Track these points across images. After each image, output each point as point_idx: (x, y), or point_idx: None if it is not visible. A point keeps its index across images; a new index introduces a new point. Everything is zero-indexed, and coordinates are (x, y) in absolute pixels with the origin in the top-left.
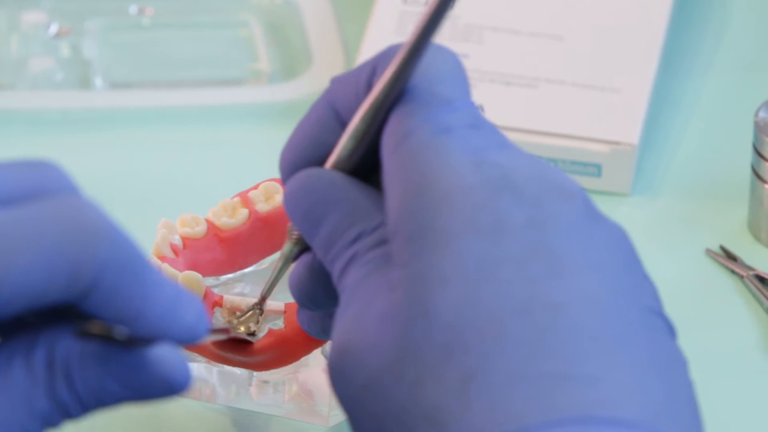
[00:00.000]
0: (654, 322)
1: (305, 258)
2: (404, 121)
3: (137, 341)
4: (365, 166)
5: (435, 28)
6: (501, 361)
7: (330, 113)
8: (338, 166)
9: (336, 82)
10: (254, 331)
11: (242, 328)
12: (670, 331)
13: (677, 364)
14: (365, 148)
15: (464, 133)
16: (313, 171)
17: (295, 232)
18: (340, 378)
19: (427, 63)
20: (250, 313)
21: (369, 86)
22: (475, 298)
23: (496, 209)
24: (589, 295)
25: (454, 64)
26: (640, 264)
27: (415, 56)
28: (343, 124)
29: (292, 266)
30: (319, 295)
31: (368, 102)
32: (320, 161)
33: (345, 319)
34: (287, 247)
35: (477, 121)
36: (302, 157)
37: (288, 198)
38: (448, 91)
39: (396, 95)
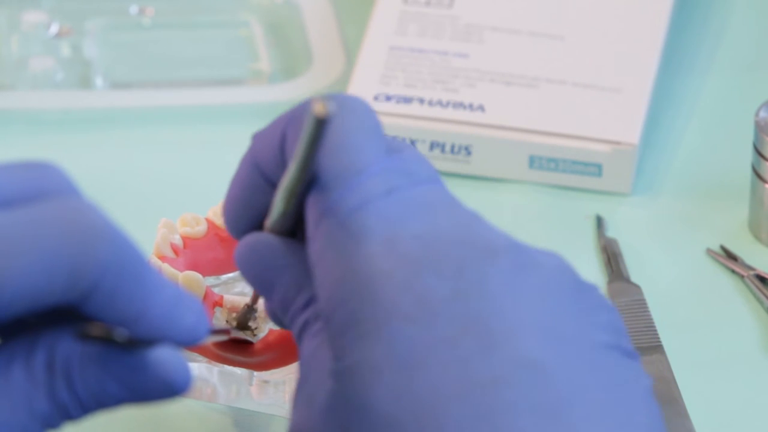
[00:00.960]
0: (605, 360)
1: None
2: (320, 200)
3: (137, 343)
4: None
5: (315, 147)
6: None
7: (256, 173)
8: (275, 228)
9: (257, 138)
10: (254, 330)
11: (252, 324)
12: (629, 356)
13: (635, 400)
14: (297, 209)
15: (379, 205)
16: (255, 237)
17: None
18: None
19: (335, 129)
20: (246, 314)
21: (282, 149)
22: (410, 386)
23: (418, 289)
24: (526, 362)
25: (363, 121)
26: (587, 292)
27: (314, 144)
28: (271, 182)
29: None
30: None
31: (287, 176)
32: (258, 219)
33: (298, 406)
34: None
35: (393, 183)
36: (240, 217)
37: (238, 262)
38: (360, 157)
39: (311, 164)
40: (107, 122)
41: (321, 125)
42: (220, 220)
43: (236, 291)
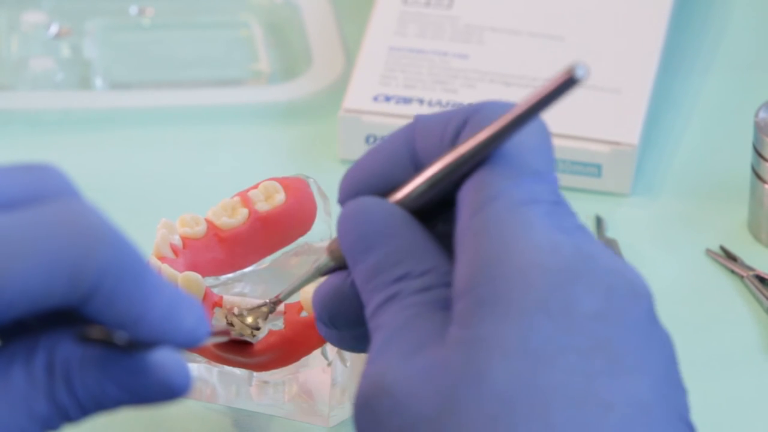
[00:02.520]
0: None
1: (335, 279)
2: (491, 183)
3: (137, 345)
4: (426, 213)
5: (551, 103)
6: None
7: (406, 151)
8: (402, 204)
9: (421, 122)
10: (258, 328)
11: (250, 319)
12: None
13: None
14: (434, 195)
15: (549, 208)
16: (376, 200)
17: (338, 250)
18: (369, 414)
19: (525, 131)
20: (260, 308)
21: (456, 134)
22: (533, 378)
23: (569, 295)
24: (638, 400)
25: (543, 135)
26: (679, 371)
27: (520, 123)
28: (417, 165)
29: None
30: (341, 318)
31: (455, 154)
32: (382, 193)
33: (385, 357)
34: (324, 260)
35: (559, 198)
36: (365, 185)
37: (343, 219)
38: (537, 162)
39: (482, 156)
40: (107, 122)
41: (568, 85)
42: (219, 221)
43: (236, 291)
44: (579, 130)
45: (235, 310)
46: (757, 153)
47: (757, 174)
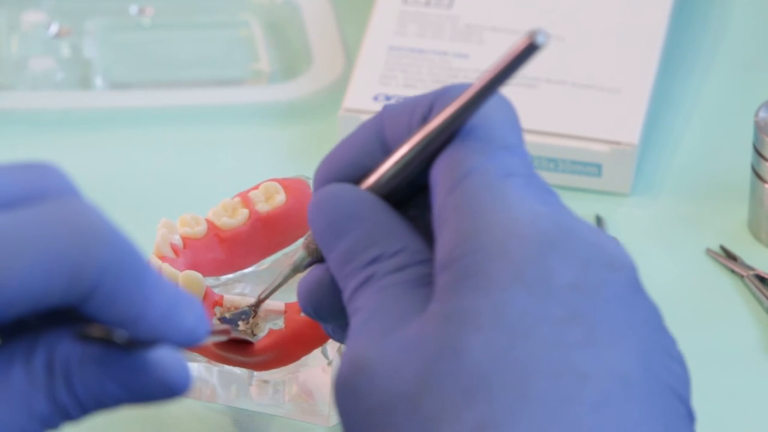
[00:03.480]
0: (675, 407)
1: (316, 271)
2: (465, 159)
3: (137, 344)
4: (397, 198)
5: (510, 75)
6: (520, 419)
7: (376, 140)
8: (373, 189)
9: (388, 110)
10: (253, 331)
11: (241, 326)
12: (690, 418)
13: None
14: (405, 178)
15: (524, 181)
16: (344, 185)
17: (312, 243)
18: (349, 394)
19: (485, 107)
20: (241, 310)
21: (423, 119)
22: (508, 350)
23: (545, 266)
24: (617, 372)
25: (509, 110)
26: (675, 345)
27: (483, 97)
28: (387, 153)
29: (299, 276)
30: (325, 309)
31: (423, 132)
32: (355, 182)
33: (363, 336)
34: (300, 256)
35: (533, 172)
36: (338, 175)
37: (313, 206)
38: (507, 136)
39: (450, 133)
40: (107, 122)
41: (529, 52)
42: (219, 221)
43: (236, 291)
44: (579, 129)
45: (217, 312)
46: (757, 153)
47: (757, 174)
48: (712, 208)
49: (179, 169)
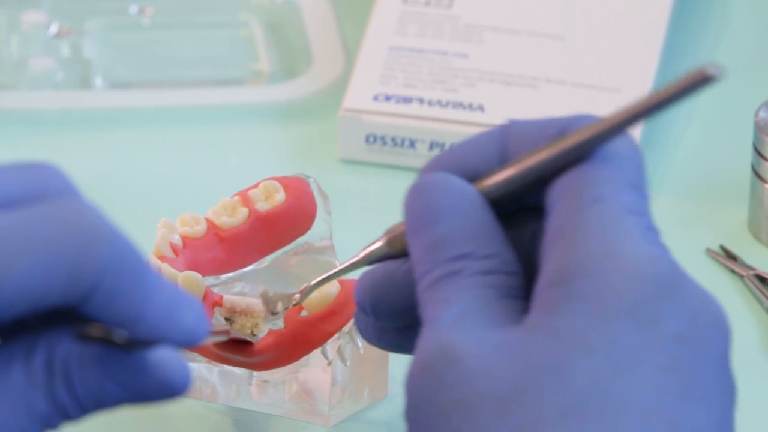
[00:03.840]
0: None
1: (387, 266)
2: (597, 185)
3: (137, 344)
4: (501, 207)
5: (671, 104)
6: None
7: (497, 150)
8: (482, 191)
9: (516, 123)
10: (252, 331)
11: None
12: None
13: None
14: (518, 188)
15: (647, 223)
16: (453, 176)
17: (396, 238)
18: (432, 381)
19: (617, 142)
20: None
21: (552, 140)
22: (612, 380)
23: (659, 309)
24: (701, 429)
25: (639, 154)
26: (734, 421)
27: (630, 123)
28: (503, 163)
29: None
30: (384, 306)
31: (556, 148)
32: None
33: (457, 328)
34: (378, 248)
35: (652, 219)
36: (448, 170)
37: (415, 188)
38: (638, 177)
39: (581, 155)
40: (107, 122)
41: (702, 83)
42: (219, 220)
43: (236, 290)
44: None
45: (216, 312)
46: (757, 152)
47: (757, 173)
48: (712, 208)
49: (179, 169)
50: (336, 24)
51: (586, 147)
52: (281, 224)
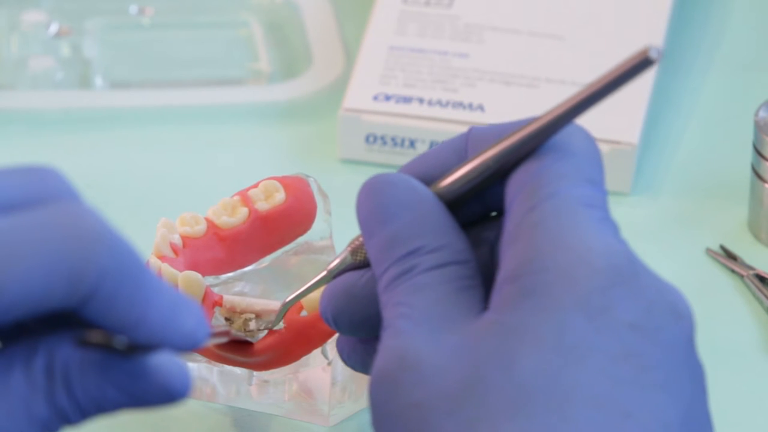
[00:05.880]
0: None
1: (348, 278)
2: (552, 181)
3: (137, 349)
4: (458, 206)
5: (615, 89)
6: None
7: (455, 157)
8: (441, 188)
9: (475, 130)
10: (254, 330)
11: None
12: None
13: None
14: (472, 187)
15: (602, 216)
16: (401, 174)
17: (360, 249)
18: (390, 386)
19: (572, 137)
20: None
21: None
22: (559, 372)
23: (611, 299)
24: (658, 417)
25: (597, 149)
26: (708, 406)
27: (580, 109)
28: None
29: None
30: (345, 317)
31: (507, 142)
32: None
33: (410, 332)
34: (342, 259)
35: (609, 212)
36: (413, 174)
37: (364, 189)
38: (594, 172)
39: (531, 148)
40: (107, 122)
41: (643, 66)
42: (219, 220)
43: (236, 290)
44: None
45: (244, 316)
46: (757, 152)
47: (757, 173)
48: (712, 208)
49: (179, 169)
50: (336, 24)
51: (534, 139)
52: (281, 224)
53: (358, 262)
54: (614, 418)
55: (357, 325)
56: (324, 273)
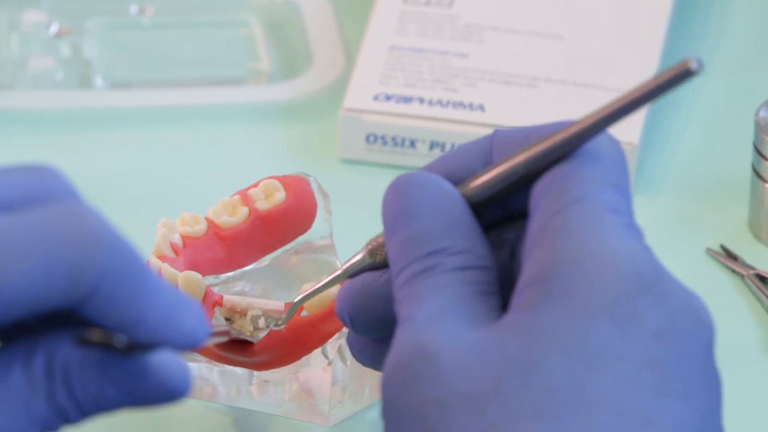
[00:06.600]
0: None
1: (366, 278)
2: (579, 185)
3: (137, 348)
4: (483, 210)
5: (651, 100)
6: None
7: (480, 158)
8: (468, 191)
9: (500, 133)
10: (255, 330)
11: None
12: None
13: None
14: (498, 191)
15: (628, 222)
16: (432, 175)
17: (378, 249)
18: (408, 378)
19: (599, 142)
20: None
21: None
22: (584, 377)
23: (637, 305)
24: (679, 427)
25: (623, 155)
26: (721, 416)
27: (604, 124)
28: (486, 164)
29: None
30: (362, 317)
31: (536, 149)
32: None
33: (432, 326)
34: (360, 259)
35: (634, 218)
36: (439, 171)
37: (393, 185)
38: (620, 177)
39: (560, 156)
40: (107, 122)
41: (684, 77)
42: (219, 219)
43: (236, 289)
44: None
45: (251, 312)
46: (758, 152)
47: (757, 173)
48: (713, 208)
49: (179, 169)
50: (336, 24)
51: (565, 147)
52: (281, 223)
53: (377, 263)
54: (636, 425)
55: (373, 324)
56: (339, 272)
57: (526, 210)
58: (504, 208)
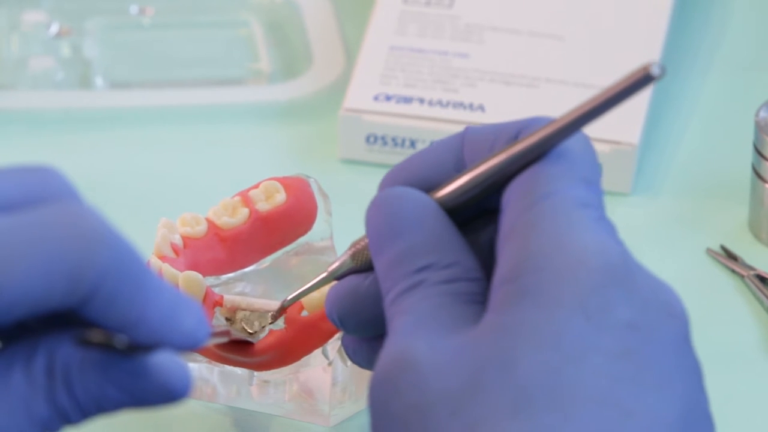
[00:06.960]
0: None
1: (352, 280)
2: (547, 182)
3: (137, 348)
4: (458, 214)
5: (617, 104)
6: None
7: (452, 158)
8: (439, 201)
9: (471, 131)
10: (255, 332)
11: (256, 324)
12: None
13: None
14: (474, 195)
15: (598, 215)
16: (410, 189)
17: (361, 252)
18: (390, 389)
19: (572, 140)
20: (261, 314)
21: (502, 143)
22: (560, 371)
23: (608, 298)
24: (658, 415)
25: (592, 150)
26: (708, 403)
27: (581, 123)
28: (460, 171)
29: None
30: (352, 318)
31: (508, 153)
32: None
33: (412, 337)
34: (343, 262)
35: (604, 211)
36: (405, 183)
37: (374, 204)
38: (589, 172)
39: (535, 156)
40: (107, 122)
41: (645, 83)
42: (220, 220)
43: (237, 290)
44: None
45: (240, 315)
46: (758, 152)
47: (757, 173)
48: (713, 208)
49: (179, 169)
50: (336, 24)
51: (537, 150)
52: (282, 224)
53: (359, 266)
54: (615, 417)
55: (363, 324)
56: (325, 274)
57: (496, 207)
58: (477, 206)
